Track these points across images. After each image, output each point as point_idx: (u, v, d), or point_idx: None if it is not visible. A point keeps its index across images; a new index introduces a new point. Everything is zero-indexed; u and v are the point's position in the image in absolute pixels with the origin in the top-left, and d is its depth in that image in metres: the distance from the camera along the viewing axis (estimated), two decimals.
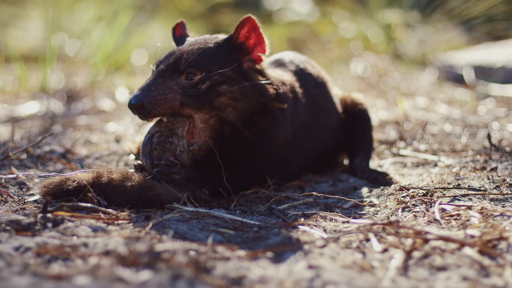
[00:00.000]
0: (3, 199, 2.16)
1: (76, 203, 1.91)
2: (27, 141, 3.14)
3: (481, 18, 8.39)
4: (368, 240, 1.76)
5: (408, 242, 1.69)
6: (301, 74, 2.68)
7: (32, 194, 2.27)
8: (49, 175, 2.12)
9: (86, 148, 3.15)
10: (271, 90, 2.37)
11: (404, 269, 1.56)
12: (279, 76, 2.50)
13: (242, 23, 2.32)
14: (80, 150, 3.06)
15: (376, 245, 1.70)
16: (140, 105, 2.14)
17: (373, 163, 2.84)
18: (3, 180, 2.33)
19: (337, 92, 2.97)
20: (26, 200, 2.16)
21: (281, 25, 9.69)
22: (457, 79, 5.85)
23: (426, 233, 1.75)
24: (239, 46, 2.35)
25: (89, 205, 1.91)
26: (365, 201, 2.33)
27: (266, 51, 2.38)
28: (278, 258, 1.61)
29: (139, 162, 2.21)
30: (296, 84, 2.58)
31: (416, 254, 1.63)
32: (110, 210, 1.92)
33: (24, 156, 2.66)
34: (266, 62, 2.43)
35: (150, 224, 1.83)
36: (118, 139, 3.41)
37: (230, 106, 2.27)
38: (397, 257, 1.61)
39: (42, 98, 4.66)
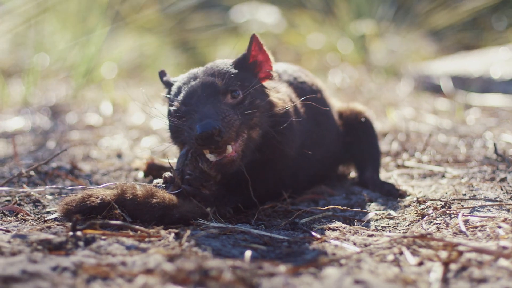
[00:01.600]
0: (23, 217, 2.11)
1: (106, 221, 1.88)
2: (28, 156, 3.09)
3: (449, 28, 8.54)
4: (401, 253, 1.76)
5: (443, 254, 1.70)
6: (296, 83, 2.70)
7: (49, 212, 2.23)
8: (75, 188, 2.08)
9: (88, 163, 3.11)
10: (279, 104, 2.38)
11: (445, 282, 1.56)
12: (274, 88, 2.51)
13: (250, 41, 2.36)
14: (83, 166, 3.02)
15: (410, 258, 1.71)
16: (218, 131, 2.00)
17: (381, 175, 2.85)
18: (17, 198, 2.28)
19: (336, 102, 2.99)
20: (45, 218, 2.12)
21: (248, 37, 9.68)
22: (435, 89, 5.93)
23: (459, 245, 1.76)
24: (253, 64, 2.38)
25: (119, 222, 1.88)
26: (383, 213, 2.34)
27: (272, 67, 2.40)
28: (320, 273, 1.60)
29: (170, 174, 2.18)
30: (293, 94, 2.59)
31: (453, 266, 1.64)
32: (141, 228, 1.89)
33: (31, 172, 2.61)
34: (276, 77, 2.44)
35: (184, 241, 1.81)
36: (120, 154, 3.37)
37: (258, 122, 2.25)
38: (436, 270, 1.62)
39: (27, 113, 4.59)
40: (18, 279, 1.47)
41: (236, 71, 2.30)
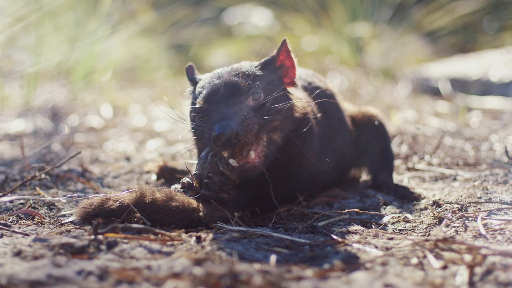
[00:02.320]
0: (39, 221, 2.09)
1: (127, 224, 1.86)
2: (34, 158, 3.06)
3: (444, 31, 8.56)
4: (425, 257, 1.76)
5: (468, 258, 1.70)
6: (311, 88, 2.68)
7: (65, 215, 2.21)
8: (92, 196, 2.06)
9: (97, 166, 3.09)
10: (300, 108, 2.37)
11: (471, 285, 1.56)
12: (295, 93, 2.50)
13: (281, 46, 2.34)
14: (93, 169, 3.00)
15: (434, 262, 1.70)
16: (235, 134, 1.99)
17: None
18: (31, 201, 2.26)
19: (347, 106, 2.99)
20: (62, 222, 2.10)
21: (241, 39, 9.68)
22: (433, 92, 5.94)
23: (482, 248, 1.75)
24: (279, 68, 2.36)
25: (141, 226, 1.87)
26: (399, 216, 2.33)
27: (295, 75, 2.39)
28: (348, 277, 1.59)
29: (188, 180, 2.16)
30: (310, 99, 2.58)
31: (478, 270, 1.63)
32: (163, 231, 1.88)
33: (42, 175, 2.59)
34: (299, 83, 2.44)
35: (207, 245, 1.80)
36: (128, 157, 3.35)
37: (279, 126, 2.24)
38: (462, 273, 1.61)
39: (28, 115, 4.56)
40: (44, 283, 1.46)
41: (261, 73, 2.28)
